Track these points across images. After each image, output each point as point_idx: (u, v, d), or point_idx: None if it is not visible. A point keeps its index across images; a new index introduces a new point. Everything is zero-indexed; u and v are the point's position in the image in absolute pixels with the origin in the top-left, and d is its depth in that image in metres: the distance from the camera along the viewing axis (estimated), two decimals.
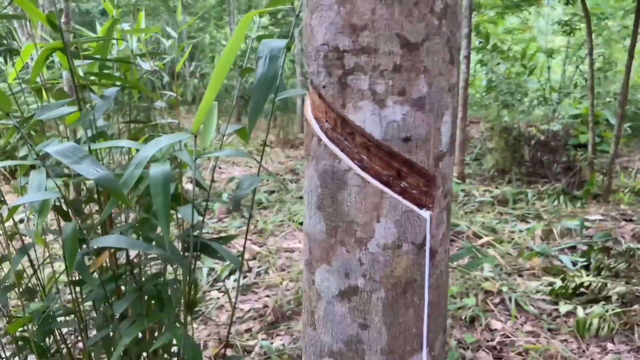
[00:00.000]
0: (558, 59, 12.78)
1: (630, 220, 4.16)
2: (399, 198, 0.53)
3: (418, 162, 0.53)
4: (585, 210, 4.52)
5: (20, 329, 1.75)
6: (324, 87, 0.55)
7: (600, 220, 4.18)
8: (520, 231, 4.02)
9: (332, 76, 0.54)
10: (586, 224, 4.00)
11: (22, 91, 2.20)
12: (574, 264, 3.33)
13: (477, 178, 6.22)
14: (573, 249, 3.64)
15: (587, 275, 3.06)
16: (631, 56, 4.29)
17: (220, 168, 6.81)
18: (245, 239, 1.56)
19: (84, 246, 1.65)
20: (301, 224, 4.40)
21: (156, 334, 1.85)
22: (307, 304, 0.62)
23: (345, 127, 0.53)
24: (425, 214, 0.54)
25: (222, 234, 4.21)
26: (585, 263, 3.31)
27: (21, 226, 1.89)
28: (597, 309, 2.64)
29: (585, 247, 3.57)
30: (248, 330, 2.74)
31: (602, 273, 3.13)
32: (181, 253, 1.68)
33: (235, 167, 6.92)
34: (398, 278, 0.63)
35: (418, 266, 0.64)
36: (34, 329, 1.70)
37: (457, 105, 0.62)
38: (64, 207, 1.74)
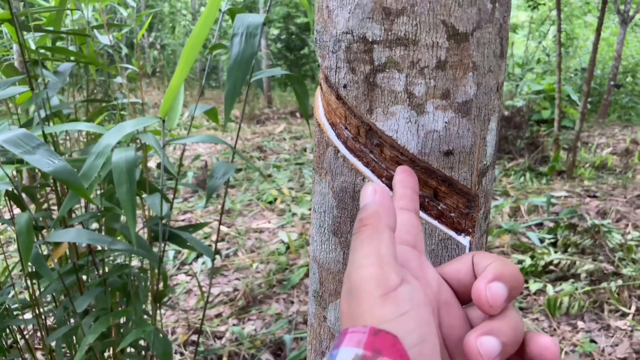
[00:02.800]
0: (521, 34, 12.89)
1: (595, 197, 4.24)
2: (436, 223, 0.44)
3: (460, 180, 0.44)
4: (551, 187, 4.58)
5: None
6: (344, 86, 0.43)
7: (565, 196, 4.25)
8: None
9: (356, 73, 0.42)
10: (552, 200, 4.05)
11: None
12: (542, 240, 3.37)
13: None
14: (540, 225, 3.69)
15: (555, 253, 3.10)
16: (598, 33, 4.31)
17: (180, 146, 6.60)
18: (220, 223, 1.47)
19: (40, 237, 1.52)
20: (270, 203, 4.30)
21: (122, 329, 1.74)
22: (315, 343, 0.52)
23: (372, 137, 0.42)
24: (465, 240, 0.45)
25: (188, 215, 4.08)
26: (552, 240, 3.35)
27: None
28: (566, 287, 2.68)
29: (552, 224, 3.62)
30: (218, 315, 2.66)
31: (569, 250, 3.18)
32: (148, 243, 1.57)
33: (199, 144, 6.72)
34: None
35: None
36: None
37: (502, 106, 0.52)
38: (16, 193, 1.60)
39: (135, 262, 2.39)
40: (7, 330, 1.69)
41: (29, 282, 1.60)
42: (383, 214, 0.34)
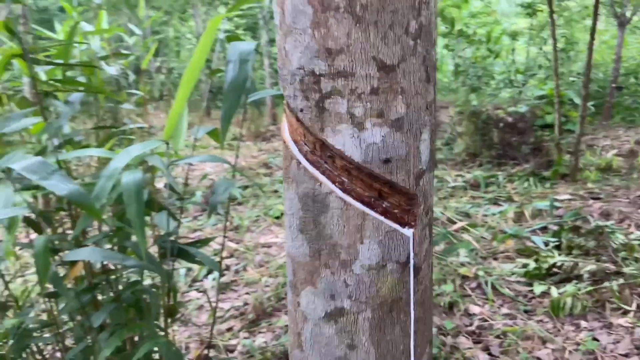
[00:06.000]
0: (522, 40, 12.97)
1: (598, 198, 4.28)
2: (382, 218, 0.54)
3: (399, 182, 0.54)
4: (555, 191, 4.62)
5: None
6: (301, 110, 0.54)
7: (569, 199, 4.29)
8: (493, 214, 4.10)
9: (309, 100, 0.54)
10: (556, 204, 4.10)
11: None
12: (546, 244, 3.41)
13: (448, 163, 6.30)
14: (544, 229, 3.73)
15: (559, 255, 3.14)
16: (592, 37, 4.39)
17: (191, 165, 6.72)
18: (224, 238, 1.55)
19: (57, 257, 1.61)
20: (277, 218, 4.38)
21: (137, 340, 1.82)
22: (293, 326, 0.62)
23: (325, 151, 0.52)
24: (408, 232, 0.55)
25: (198, 233, 4.17)
26: (556, 243, 3.39)
27: None
28: (569, 288, 2.72)
29: (556, 227, 3.66)
30: (229, 329, 2.73)
31: (573, 252, 3.22)
32: (158, 259, 1.66)
33: (207, 164, 6.84)
34: (384, 297, 0.64)
35: (403, 284, 0.65)
36: (10, 345, 1.66)
37: (434, 121, 0.62)
38: (34, 218, 1.69)
39: (148, 281, 2.47)
40: (28, 350, 1.77)
41: (47, 302, 1.69)
42: None
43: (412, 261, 0.60)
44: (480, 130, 6.45)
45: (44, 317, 2.03)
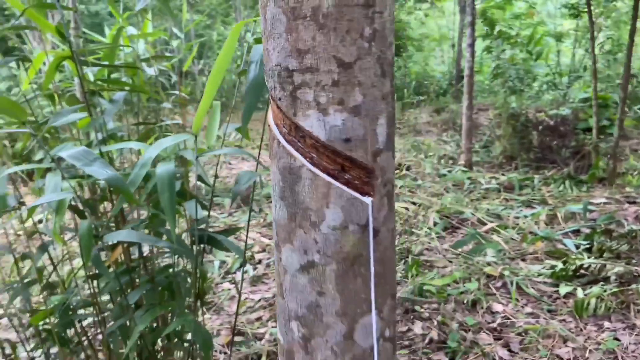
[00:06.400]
0: (567, 42, 12.68)
1: (634, 203, 4.20)
2: (344, 187, 0.68)
3: (358, 158, 0.67)
4: (591, 194, 4.56)
5: (42, 322, 1.88)
6: (279, 99, 0.68)
7: (604, 203, 4.23)
8: (525, 217, 4.09)
9: (285, 90, 0.67)
10: (590, 207, 4.05)
11: (36, 96, 2.32)
12: (577, 246, 3.39)
13: (485, 165, 6.27)
14: (577, 232, 3.71)
15: (589, 258, 3.12)
16: (632, 39, 4.31)
17: (230, 164, 6.93)
18: (247, 230, 1.67)
19: (99, 242, 1.77)
20: None
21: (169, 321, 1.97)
22: (277, 278, 0.77)
23: (298, 132, 0.65)
24: (367, 200, 0.68)
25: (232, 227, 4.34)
26: (587, 246, 3.37)
27: (40, 226, 2.02)
28: (595, 289, 2.72)
29: (588, 230, 3.63)
30: (258, 318, 2.86)
31: (604, 255, 3.20)
32: (190, 246, 1.80)
33: (245, 163, 7.04)
34: (347, 253, 0.78)
35: (363, 243, 0.78)
36: (56, 321, 1.83)
37: (393, 109, 0.74)
38: (80, 206, 1.86)
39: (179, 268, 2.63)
40: (72, 330, 1.95)
41: (90, 283, 1.86)
42: None
43: (371, 224, 0.73)
44: (519, 132, 6.38)
45: (88, 299, 2.21)
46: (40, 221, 2.34)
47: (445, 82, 12.47)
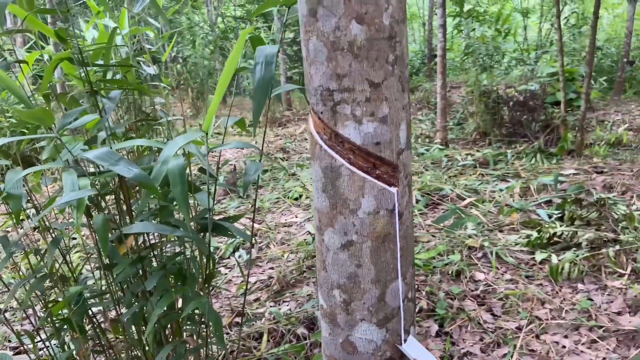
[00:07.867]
0: (534, 17, 12.97)
1: (601, 172, 4.46)
2: (375, 181, 0.85)
3: (386, 157, 0.84)
4: (561, 166, 4.81)
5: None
6: (321, 112, 0.83)
7: (573, 174, 4.48)
8: (501, 190, 4.31)
9: (326, 106, 0.83)
10: (561, 178, 4.29)
11: (33, 96, 2.39)
12: (550, 216, 3.62)
13: (460, 142, 6.49)
14: (549, 202, 3.94)
15: (561, 226, 3.35)
16: (596, 14, 4.52)
17: (212, 152, 6.99)
18: (254, 216, 1.80)
19: (114, 232, 1.88)
20: (296, 199, 4.65)
21: (180, 305, 2.10)
22: (319, 255, 0.95)
23: (338, 138, 0.81)
24: (393, 190, 0.87)
25: (222, 215, 4.46)
26: (560, 215, 3.60)
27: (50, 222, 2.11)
28: (568, 255, 2.94)
29: (559, 200, 3.86)
30: (257, 299, 3.01)
31: (575, 223, 3.43)
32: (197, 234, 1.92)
33: (227, 150, 7.11)
34: (379, 232, 0.96)
35: (391, 224, 0.96)
36: (71, 310, 1.95)
37: (410, 117, 0.89)
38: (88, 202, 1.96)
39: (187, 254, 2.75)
40: (87, 319, 2.07)
41: (104, 273, 1.97)
42: None
43: (397, 209, 0.92)
44: (491, 109, 6.60)
45: (97, 288, 2.31)
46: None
47: (418, 61, 12.65)
